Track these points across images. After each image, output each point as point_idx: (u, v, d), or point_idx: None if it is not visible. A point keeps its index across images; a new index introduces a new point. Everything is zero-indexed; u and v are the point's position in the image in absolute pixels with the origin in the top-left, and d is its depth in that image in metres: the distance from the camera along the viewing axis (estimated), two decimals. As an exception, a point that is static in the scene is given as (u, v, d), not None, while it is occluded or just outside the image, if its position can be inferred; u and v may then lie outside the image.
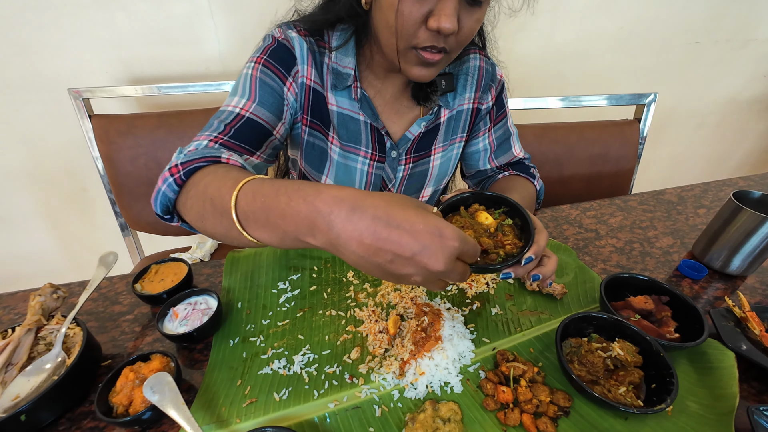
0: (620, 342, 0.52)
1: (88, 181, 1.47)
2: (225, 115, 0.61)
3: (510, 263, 0.46)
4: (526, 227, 0.51)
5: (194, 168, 0.49)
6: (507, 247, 0.48)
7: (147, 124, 1.16)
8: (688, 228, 0.89)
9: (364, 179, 0.78)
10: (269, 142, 0.67)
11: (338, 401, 0.49)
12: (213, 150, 0.52)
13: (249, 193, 0.40)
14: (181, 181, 0.49)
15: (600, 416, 0.49)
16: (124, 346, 0.57)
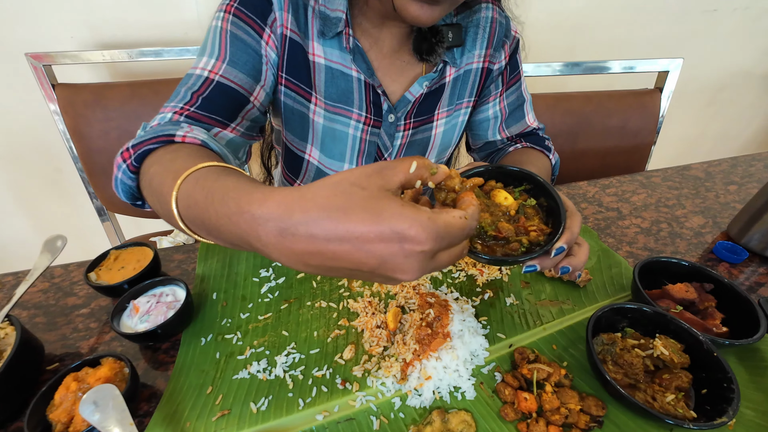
0: (662, 339, 0.44)
1: (63, 161, 1.35)
2: (192, 80, 0.53)
3: (536, 254, 0.37)
4: (555, 209, 0.42)
5: (144, 152, 0.42)
6: (532, 233, 0.39)
7: (117, 94, 1.04)
8: (720, 206, 0.81)
9: (357, 147, 0.68)
10: (246, 111, 0.56)
11: (328, 412, 0.41)
12: (170, 127, 0.45)
13: (184, 198, 0.34)
14: (134, 167, 0.43)
15: (640, 426, 0.41)
16: (76, 347, 0.48)
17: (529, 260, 0.38)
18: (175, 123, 0.48)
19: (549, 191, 0.43)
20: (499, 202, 0.42)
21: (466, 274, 0.60)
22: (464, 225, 0.27)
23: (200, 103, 0.51)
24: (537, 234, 0.39)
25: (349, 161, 0.69)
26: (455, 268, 0.61)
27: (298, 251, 0.25)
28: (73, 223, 1.51)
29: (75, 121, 1.03)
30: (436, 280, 0.59)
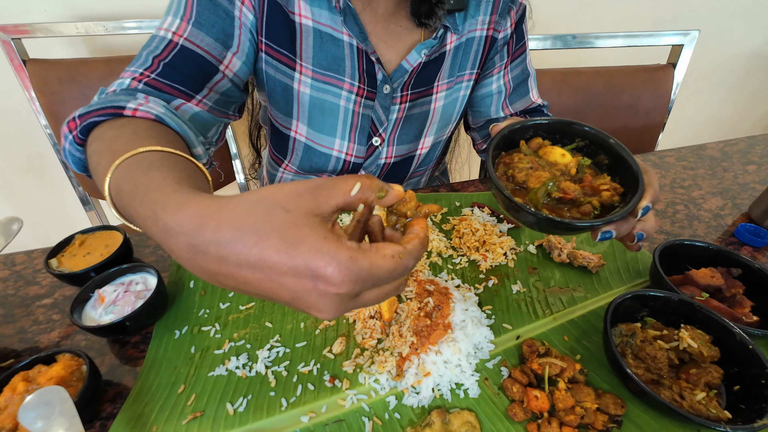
0: (689, 329, 0.39)
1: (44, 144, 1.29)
2: (155, 43, 0.48)
3: (620, 215, 0.33)
4: (621, 165, 0.37)
5: (90, 124, 0.39)
6: (604, 193, 0.35)
7: (94, 71, 0.97)
8: (739, 187, 0.75)
9: (349, 121, 0.62)
10: (214, 83, 0.50)
11: (315, 413, 0.37)
12: (123, 97, 0.41)
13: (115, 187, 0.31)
14: (79, 140, 0.40)
15: (663, 426, 0.36)
16: (35, 341, 0.43)
17: (607, 223, 0.33)
18: (130, 92, 0.44)
19: (611, 146, 0.39)
20: (555, 160, 0.38)
21: (468, 259, 0.55)
22: (394, 266, 0.23)
23: (161, 70, 0.46)
24: (610, 193, 0.35)
25: (341, 136, 0.64)
26: (456, 253, 0.56)
27: (210, 270, 0.22)
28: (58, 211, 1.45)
29: (49, 100, 0.96)
30: (435, 266, 0.54)
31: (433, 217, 0.63)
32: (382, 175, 0.72)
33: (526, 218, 0.36)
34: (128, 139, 0.35)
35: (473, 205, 0.65)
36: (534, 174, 0.37)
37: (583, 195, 0.35)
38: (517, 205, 0.35)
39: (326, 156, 0.66)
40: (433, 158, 0.77)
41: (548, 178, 0.36)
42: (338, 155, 0.66)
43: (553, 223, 0.34)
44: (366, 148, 0.66)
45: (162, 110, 0.41)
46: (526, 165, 0.38)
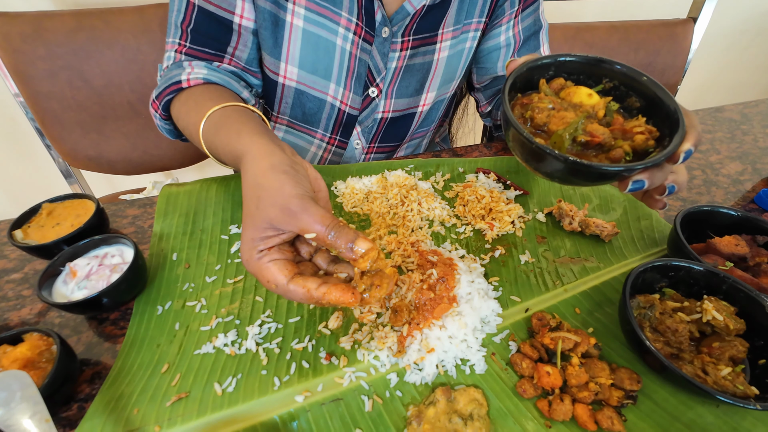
0: (713, 301, 0.37)
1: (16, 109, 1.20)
2: (176, 7, 0.52)
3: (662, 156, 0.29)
4: (656, 107, 0.33)
5: (166, 102, 0.51)
6: (638, 137, 0.31)
7: (60, 26, 0.88)
8: (759, 151, 0.71)
9: (346, 64, 0.55)
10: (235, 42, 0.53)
11: (310, 392, 0.34)
12: (174, 71, 0.51)
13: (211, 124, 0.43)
14: (165, 116, 0.53)
15: (681, 402, 0.34)
16: (4, 318, 0.40)
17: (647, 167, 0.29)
18: (178, 64, 0.52)
19: (644, 84, 0.34)
20: (579, 102, 0.33)
21: (473, 228, 0.52)
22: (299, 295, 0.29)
23: (191, 37, 0.52)
24: (645, 136, 0.31)
25: (336, 81, 0.57)
26: (460, 222, 0.52)
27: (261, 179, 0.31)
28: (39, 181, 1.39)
29: (14, 59, 0.88)
30: (438, 236, 0.50)
31: (435, 184, 0.58)
32: (380, 131, 0.67)
33: (548, 165, 0.32)
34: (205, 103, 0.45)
35: (478, 171, 0.60)
36: (556, 115, 0.33)
37: (612, 139, 0.31)
38: (539, 148, 0.30)
39: (320, 101, 0.60)
40: (435, 118, 0.71)
41: (574, 119, 0.31)
42: (332, 102, 0.60)
43: (580, 168, 0.30)
44: (362, 99, 0.61)
45: (205, 72, 0.51)
46: (547, 105, 0.34)
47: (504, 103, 0.33)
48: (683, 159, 0.30)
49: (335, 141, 0.67)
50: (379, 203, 0.53)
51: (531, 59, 0.36)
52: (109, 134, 1.02)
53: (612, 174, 0.30)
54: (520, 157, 0.35)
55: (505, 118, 0.33)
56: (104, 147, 1.03)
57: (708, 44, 1.79)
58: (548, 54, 0.38)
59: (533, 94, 0.37)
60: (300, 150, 0.71)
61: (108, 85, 0.94)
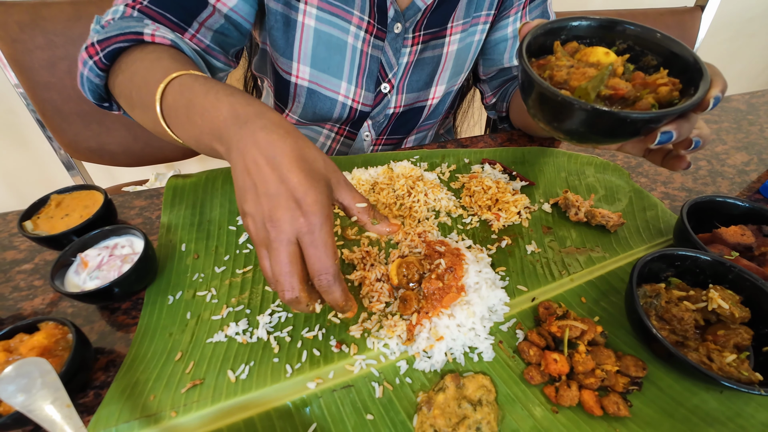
0: (718, 289, 0.37)
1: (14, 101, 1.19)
2: None
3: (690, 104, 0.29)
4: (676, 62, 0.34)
5: (115, 49, 0.42)
6: (661, 89, 0.31)
7: (58, 15, 0.86)
8: (765, 141, 0.71)
9: (357, 62, 0.55)
10: (203, 19, 0.47)
11: (321, 379, 0.35)
12: (134, 23, 0.43)
13: (176, 87, 0.36)
14: (102, 64, 0.43)
15: (685, 389, 0.35)
16: (17, 308, 0.40)
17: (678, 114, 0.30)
18: (136, 18, 0.45)
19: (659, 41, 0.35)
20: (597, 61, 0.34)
21: (479, 218, 0.52)
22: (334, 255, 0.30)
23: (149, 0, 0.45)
24: (670, 88, 0.31)
25: (347, 79, 0.57)
26: (466, 213, 0.53)
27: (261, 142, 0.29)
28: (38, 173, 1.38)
29: (12, 49, 0.86)
30: (444, 226, 0.51)
31: (441, 175, 0.58)
32: (390, 125, 0.67)
33: (575, 120, 0.32)
34: (170, 61, 0.39)
35: (483, 162, 0.60)
36: (577, 71, 0.33)
37: (636, 92, 0.31)
38: (565, 99, 0.30)
39: (331, 101, 0.60)
40: (442, 110, 0.71)
41: (599, 72, 0.31)
42: (344, 101, 0.60)
43: (610, 118, 0.30)
44: (374, 95, 0.60)
45: (173, 36, 0.43)
46: (566, 63, 0.34)
47: (523, 62, 0.33)
48: (713, 105, 0.31)
49: (345, 132, 0.67)
50: (385, 194, 0.53)
51: (544, 22, 0.36)
52: (110, 125, 1.01)
53: (643, 121, 0.30)
54: (542, 118, 0.35)
55: (526, 77, 0.33)
56: (105, 138, 1.02)
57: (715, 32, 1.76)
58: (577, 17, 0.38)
59: (548, 56, 0.37)
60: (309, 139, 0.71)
61: (109, 75, 0.93)
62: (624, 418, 0.33)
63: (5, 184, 1.41)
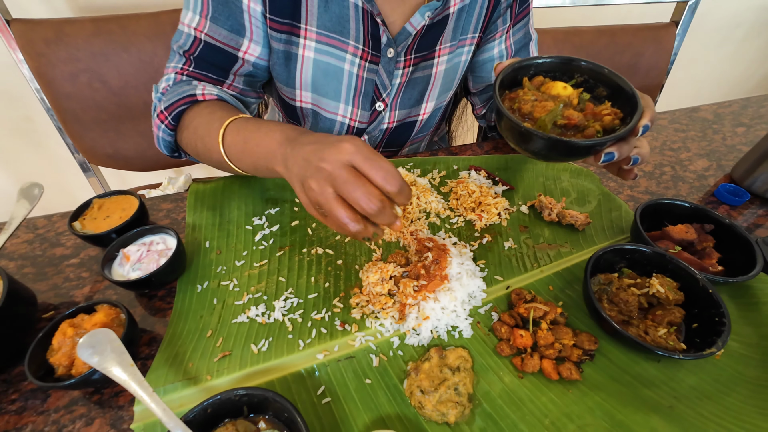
0: (659, 277, 0.44)
1: (32, 108, 1.26)
2: (183, 39, 0.55)
3: (622, 133, 0.36)
4: (619, 94, 0.40)
5: (178, 112, 0.53)
6: (606, 118, 0.38)
7: (80, 31, 0.94)
8: (726, 149, 0.78)
9: (353, 86, 0.62)
10: (237, 68, 0.57)
11: (328, 351, 0.42)
12: (186, 87, 0.54)
13: (233, 130, 0.47)
14: (171, 126, 0.54)
15: (630, 359, 0.42)
16: (70, 295, 0.47)
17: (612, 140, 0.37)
18: (187, 81, 0.55)
19: (606, 76, 0.42)
20: (557, 94, 0.41)
21: (464, 219, 0.59)
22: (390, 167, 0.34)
23: (194, 64, 0.56)
24: (611, 117, 0.39)
25: (344, 101, 0.64)
26: (453, 214, 0.60)
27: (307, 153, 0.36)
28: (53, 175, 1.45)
29: (37, 62, 0.94)
30: (433, 226, 0.58)
31: (432, 180, 0.66)
32: (384, 139, 0.74)
33: (535, 144, 0.39)
34: (221, 110, 0.50)
35: (470, 168, 0.68)
36: (539, 105, 0.41)
37: (586, 121, 0.38)
38: (527, 130, 0.38)
39: (331, 121, 0.67)
40: (433, 123, 0.78)
41: (555, 106, 0.39)
42: (342, 120, 0.67)
43: (561, 144, 0.37)
44: (369, 113, 0.68)
45: (216, 91, 0.54)
46: (531, 98, 0.41)
47: (495, 98, 0.41)
48: (642, 132, 0.38)
49: None
50: (382, 197, 0.60)
51: (515, 62, 0.44)
52: (125, 132, 1.08)
53: (586, 147, 0.37)
54: (512, 141, 0.43)
55: (498, 110, 0.41)
56: (121, 145, 1.10)
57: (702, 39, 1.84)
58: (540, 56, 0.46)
59: (518, 90, 0.44)
60: None
61: (125, 86, 1.00)
62: (576, 382, 0.40)
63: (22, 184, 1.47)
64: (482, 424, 0.37)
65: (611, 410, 0.38)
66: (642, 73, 1.09)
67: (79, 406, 0.38)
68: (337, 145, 0.34)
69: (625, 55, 1.05)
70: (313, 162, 0.35)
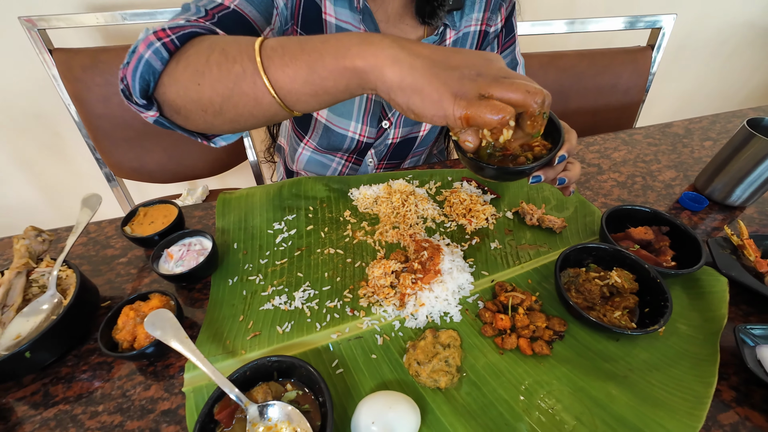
0: (618, 270, 0.53)
1: (61, 126, 1.37)
2: (205, 1, 0.49)
3: (542, 162, 0.44)
4: (553, 129, 0.49)
5: (190, 33, 0.41)
6: (536, 148, 0.46)
7: (114, 58, 1.05)
8: (693, 161, 0.87)
9: (363, 107, 0.72)
10: None
11: (340, 332, 0.50)
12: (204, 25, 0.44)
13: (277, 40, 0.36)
14: (173, 46, 0.40)
15: (594, 339, 0.50)
16: (122, 288, 0.56)
17: (536, 168, 0.45)
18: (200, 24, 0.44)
19: None
20: None
21: (457, 223, 0.68)
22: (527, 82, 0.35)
23: (218, 21, 0.47)
24: (540, 148, 0.47)
25: (356, 119, 0.74)
26: (447, 219, 0.69)
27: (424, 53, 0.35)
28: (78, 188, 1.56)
29: (75, 86, 1.05)
30: (429, 230, 0.67)
31: (429, 190, 0.75)
32: (389, 153, 0.83)
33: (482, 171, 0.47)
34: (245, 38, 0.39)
35: (462, 180, 0.77)
36: None
37: (521, 151, 0.47)
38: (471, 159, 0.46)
39: (342, 136, 0.77)
40: (432, 139, 0.88)
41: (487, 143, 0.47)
42: (352, 136, 0.77)
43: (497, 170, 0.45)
44: (376, 130, 0.77)
45: None
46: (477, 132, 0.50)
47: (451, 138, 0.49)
48: (558, 161, 0.45)
49: (353, 159, 0.84)
50: (385, 206, 0.69)
51: None
52: (150, 148, 1.19)
53: (516, 172, 0.44)
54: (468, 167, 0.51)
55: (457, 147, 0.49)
56: (146, 159, 1.20)
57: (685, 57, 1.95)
58: None
59: None
60: (323, 166, 0.87)
61: (152, 107, 1.10)
62: (547, 357, 0.48)
63: (47, 197, 1.58)
64: (468, 390, 0.45)
65: (575, 379, 0.46)
66: (621, 92, 1.19)
67: (138, 376, 0.46)
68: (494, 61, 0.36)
69: (605, 76, 1.15)
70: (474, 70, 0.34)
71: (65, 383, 0.45)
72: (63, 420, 0.42)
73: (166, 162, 1.22)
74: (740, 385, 0.46)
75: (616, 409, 0.43)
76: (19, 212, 1.55)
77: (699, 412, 0.42)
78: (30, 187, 1.50)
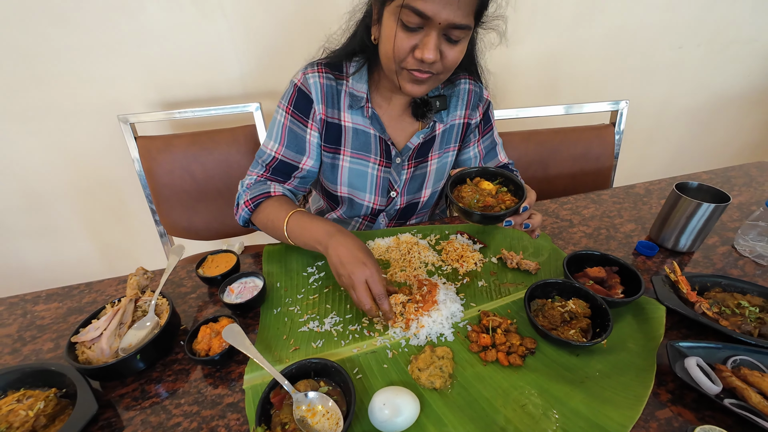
0: (575, 300, 0.68)
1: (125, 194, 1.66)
2: (265, 156, 0.87)
3: (511, 211, 0.66)
4: (520, 190, 0.70)
5: (258, 202, 0.84)
6: (507, 203, 0.68)
7: (182, 142, 1.35)
8: (650, 216, 1.05)
9: (374, 181, 0.95)
10: (295, 174, 0.90)
11: (360, 348, 0.66)
12: (263, 186, 0.86)
13: (293, 219, 0.78)
14: (252, 209, 0.85)
15: (558, 354, 0.64)
16: (194, 316, 0.74)
17: (507, 215, 0.66)
18: (262, 182, 0.88)
19: (515, 180, 0.72)
20: (484, 188, 0.71)
21: (451, 267, 0.85)
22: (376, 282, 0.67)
23: (271, 172, 0.88)
24: (510, 203, 0.68)
25: (369, 192, 0.96)
26: (443, 264, 0.86)
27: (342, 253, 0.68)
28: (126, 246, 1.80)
29: (149, 164, 1.33)
30: (430, 272, 0.84)
31: (429, 242, 0.93)
32: (397, 215, 1.04)
33: (468, 216, 0.67)
34: (286, 203, 0.82)
35: (457, 233, 0.96)
36: (472, 194, 0.71)
37: (496, 203, 0.67)
38: (460, 207, 0.67)
39: (360, 205, 0.99)
40: (432, 203, 1.09)
41: (474, 194, 0.68)
42: (368, 204, 0.99)
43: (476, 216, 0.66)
44: (386, 199, 0.99)
45: (281, 189, 0.86)
46: (469, 192, 0.71)
47: (447, 191, 0.71)
48: (522, 210, 0.67)
49: (368, 220, 1.05)
50: (395, 253, 0.88)
51: (461, 170, 0.75)
52: (200, 210, 1.43)
53: (493, 217, 0.65)
54: (458, 214, 0.73)
55: (447, 197, 0.71)
56: (195, 220, 1.44)
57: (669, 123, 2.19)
58: (477, 166, 0.77)
59: (463, 185, 0.74)
60: (344, 224, 1.09)
61: (206, 178, 1.37)
62: (520, 367, 0.62)
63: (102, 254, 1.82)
64: (458, 390, 0.59)
65: (542, 383, 0.59)
66: (593, 159, 1.41)
67: (209, 378, 0.62)
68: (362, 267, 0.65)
69: (577, 147, 1.39)
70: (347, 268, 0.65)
71: (156, 383, 0.61)
72: (156, 409, 0.57)
73: (211, 221, 1.46)
74: (675, 390, 0.59)
75: (573, 405, 0.56)
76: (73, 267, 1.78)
77: (638, 407, 0.54)
78: (88, 245, 1.75)
